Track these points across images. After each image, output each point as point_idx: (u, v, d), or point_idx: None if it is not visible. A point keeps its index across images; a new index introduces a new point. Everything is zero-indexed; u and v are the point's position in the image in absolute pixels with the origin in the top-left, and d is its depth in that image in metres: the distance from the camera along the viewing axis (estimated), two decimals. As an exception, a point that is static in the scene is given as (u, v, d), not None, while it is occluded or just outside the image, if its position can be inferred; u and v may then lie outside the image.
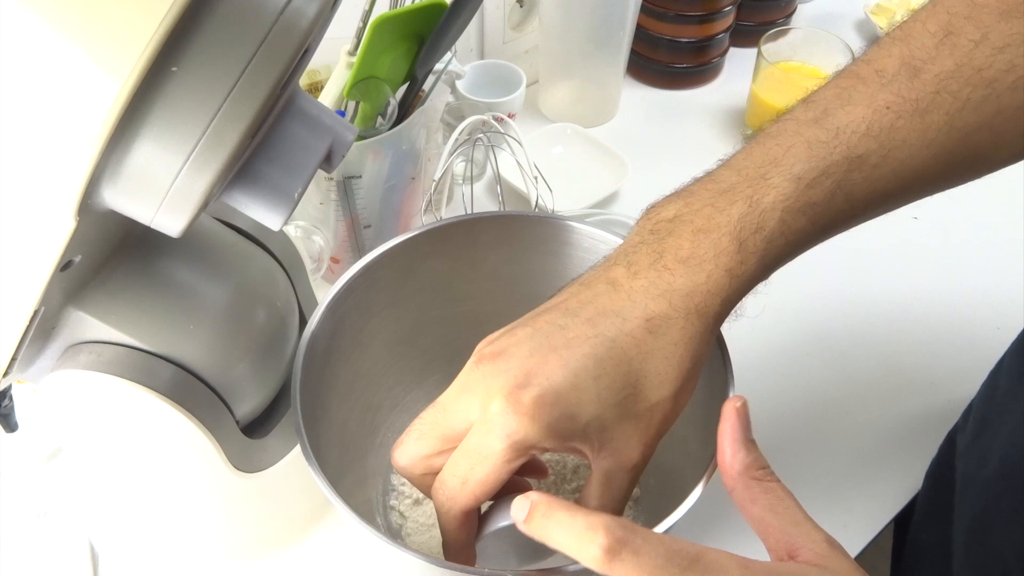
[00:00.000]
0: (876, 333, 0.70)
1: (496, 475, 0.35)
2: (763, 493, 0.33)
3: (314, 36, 0.34)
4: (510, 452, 0.34)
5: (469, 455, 0.35)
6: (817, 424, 0.65)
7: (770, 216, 0.36)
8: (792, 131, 0.38)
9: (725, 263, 0.36)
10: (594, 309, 0.36)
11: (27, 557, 0.56)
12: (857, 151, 0.37)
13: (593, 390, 0.35)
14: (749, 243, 0.36)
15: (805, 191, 0.36)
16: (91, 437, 0.48)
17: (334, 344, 0.48)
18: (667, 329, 0.36)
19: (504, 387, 0.34)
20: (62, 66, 0.29)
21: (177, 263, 0.46)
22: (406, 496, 0.56)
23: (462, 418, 0.36)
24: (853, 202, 0.37)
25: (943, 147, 0.37)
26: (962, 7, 0.37)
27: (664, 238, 0.37)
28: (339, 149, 0.40)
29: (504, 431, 0.34)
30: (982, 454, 0.52)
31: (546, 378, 0.35)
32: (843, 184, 0.37)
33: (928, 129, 0.37)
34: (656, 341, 0.36)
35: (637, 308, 0.36)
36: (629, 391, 0.36)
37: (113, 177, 0.32)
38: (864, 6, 1.01)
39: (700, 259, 0.36)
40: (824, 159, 0.36)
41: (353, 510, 0.38)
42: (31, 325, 0.38)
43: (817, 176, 0.36)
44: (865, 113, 0.37)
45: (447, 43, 0.62)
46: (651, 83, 0.95)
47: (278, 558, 0.56)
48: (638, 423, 0.36)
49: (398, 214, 0.69)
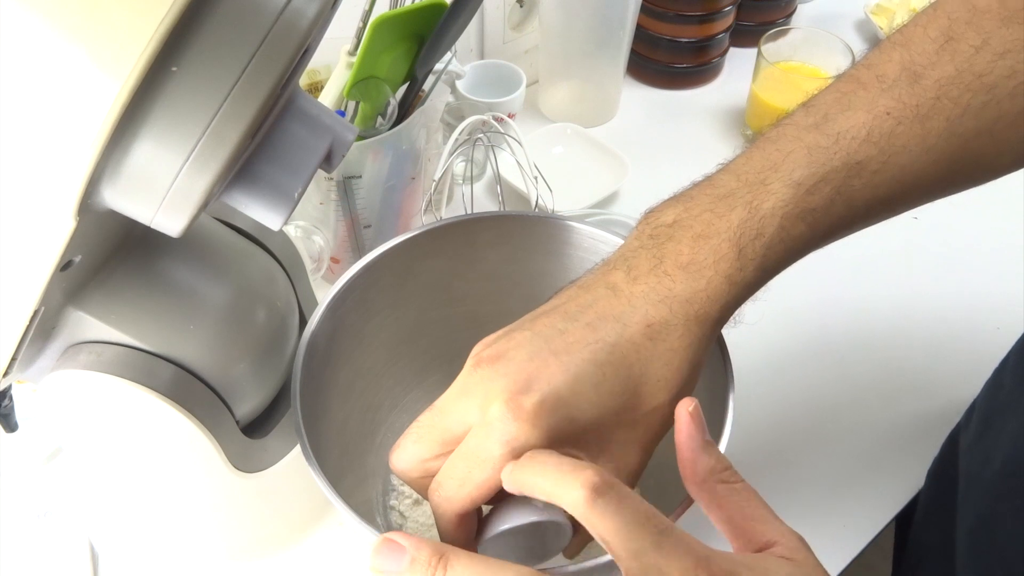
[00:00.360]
0: (875, 334, 0.70)
1: (494, 479, 0.35)
2: (729, 495, 0.33)
3: (314, 36, 0.34)
4: (509, 457, 0.34)
5: (467, 458, 0.35)
6: (817, 425, 0.65)
7: (769, 222, 0.36)
8: (792, 136, 0.37)
9: (725, 270, 0.36)
10: (594, 314, 0.36)
11: (27, 557, 0.56)
12: (857, 157, 0.36)
13: (593, 396, 0.35)
14: (748, 249, 0.36)
15: (805, 197, 0.36)
16: (91, 437, 0.48)
17: (334, 344, 0.48)
18: (667, 335, 0.36)
19: (504, 391, 0.34)
20: (62, 66, 0.29)
21: (177, 263, 0.46)
22: (406, 496, 0.56)
23: (460, 421, 0.36)
24: (853, 208, 0.37)
25: (943, 153, 0.37)
26: (963, 12, 0.37)
27: (664, 243, 0.37)
28: (339, 149, 0.40)
29: (504, 436, 0.34)
30: (986, 453, 0.52)
31: (547, 383, 0.34)
32: (843, 190, 0.37)
33: (928, 135, 0.37)
34: (656, 347, 0.36)
35: (637, 314, 0.36)
36: (629, 397, 0.36)
37: (113, 177, 0.32)
38: (864, 6, 1.01)
39: (700, 265, 0.36)
40: (824, 165, 0.36)
41: (353, 510, 0.38)
42: (31, 325, 0.38)
43: (817, 182, 0.36)
44: (865, 119, 0.37)
45: (447, 43, 0.62)
46: (651, 83, 0.95)
47: (278, 558, 0.56)
48: (636, 428, 0.36)
49: (398, 214, 0.69)
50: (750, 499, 0.33)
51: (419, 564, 0.29)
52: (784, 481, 0.61)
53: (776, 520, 0.32)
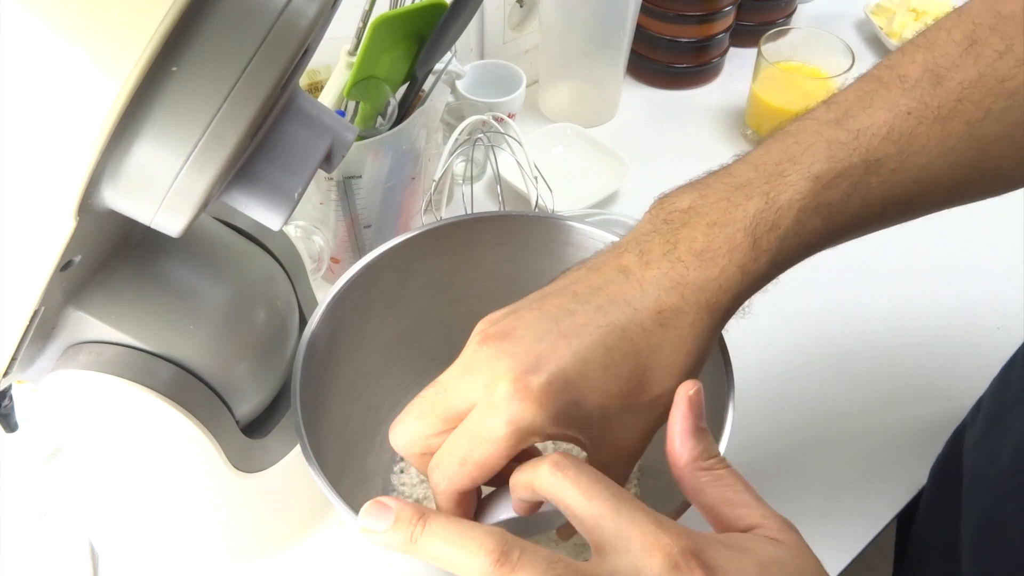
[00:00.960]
0: (874, 335, 0.70)
1: (496, 459, 0.34)
2: (712, 481, 0.32)
3: (314, 36, 0.34)
4: (513, 437, 0.34)
5: (469, 436, 0.35)
6: (816, 425, 0.65)
7: (786, 214, 0.36)
8: (812, 130, 0.37)
9: (739, 259, 0.36)
10: (605, 297, 0.36)
11: (27, 557, 0.56)
12: (876, 155, 0.36)
13: (600, 379, 0.35)
14: (763, 240, 0.36)
15: (822, 191, 0.36)
16: (91, 437, 0.48)
17: (334, 344, 0.48)
18: (678, 322, 0.36)
19: (511, 371, 0.34)
20: (62, 66, 0.29)
21: (177, 263, 0.46)
22: (406, 497, 0.56)
23: (464, 398, 0.35)
24: (869, 206, 0.37)
25: (963, 156, 0.37)
26: (987, 18, 0.37)
27: (678, 228, 0.37)
28: (339, 149, 0.40)
29: (509, 416, 0.33)
30: (993, 450, 0.52)
31: (555, 365, 0.34)
32: (860, 187, 0.37)
33: (948, 137, 0.36)
34: (666, 333, 0.36)
35: (649, 299, 0.36)
36: (635, 382, 0.35)
37: (113, 177, 0.32)
38: (864, 6, 1.01)
39: (714, 253, 0.36)
40: (843, 160, 0.36)
41: (353, 510, 0.38)
42: (31, 325, 0.38)
43: (835, 177, 0.36)
44: (886, 117, 0.37)
45: (447, 43, 0.62)
46: (651, 83, 0.95)
47: (278, 558, 0.56)
48: (640, 414, 0.36)
49: (398, 214, 0.69)
50: (732, 485, 0.32)
51: (401, 522, 0.30)
52: (784, 481, 0.61)
53: (760, 505, 0.32)
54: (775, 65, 0.84)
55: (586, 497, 0.30)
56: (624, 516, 0.29)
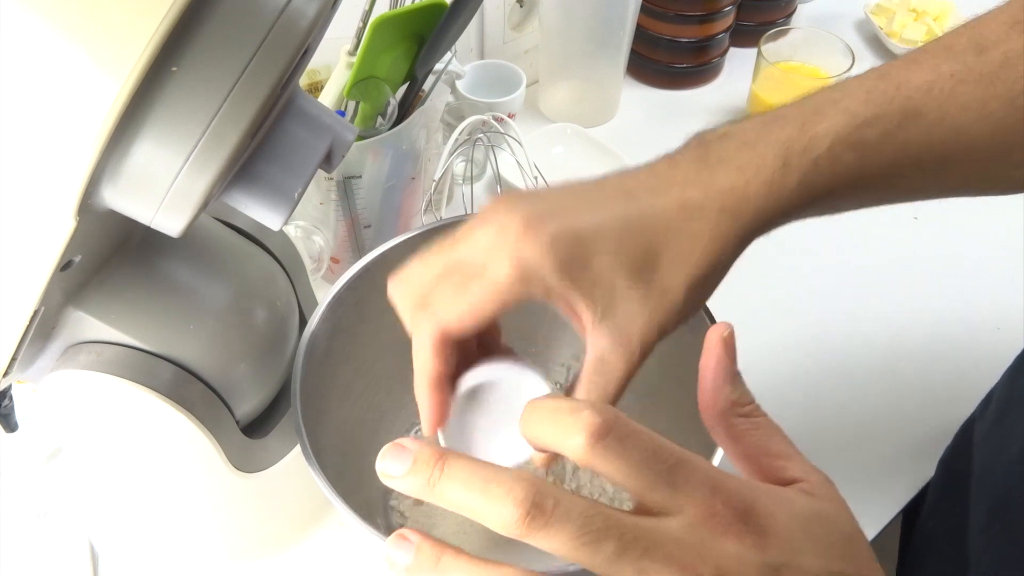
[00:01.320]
0: (876, 335, 0.70)
1: (493, 302, 0.33)
2: (750, 429, 0.31)
3: (314, 36, 0.34)
4: (516, 279, 0.33)
5: (470, 270, 0.34)
6: (819, 424, 0.65)
7: (820, 143, 0.36)
8: (854, 84, 0.38)
9: (766, 175, 0.36)
10: (632, 183, 0.37)
11: (27, 557, 0.56)
12: (915, 105, 0.37)
13: (614, 246, 0.35)
14: (794, 162, 0.36)
15: (859, 128, 0.36)
16: (91, 437, 0.48)
17: (334, 344, 0.48)
18: (699, 216, 0.36)
19: (526, 217, 0.34)
20: (62, 66, 0.29)
21: (177, 263, 0.46)
22: (406, 496, 0.56)
23: (472, 245, 0.35)
24: (907, 153, 0.37)
25: (1003, 121, 0.37)
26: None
27: (710, 146, 0.38)
28: (339, 149, 0.40)
29: (516, 252, 0.33)
30: (1003, 440, 0.52)
31: (571, 220, 0.34)
32: (898, 133, 0.37)
33: (990, 100, 0.37)
34: (686, 224, 0.36)
35: (674, 191, 0.36)
36: (647, 264, 0.35)
37: (113, 177, 0.32)
38: (864, 6, 1.01)
39: (741, 165, 0.36)
40: (882, 106, 0.37)
41: (353, 510, 0.38)
42: (31, 325, 0.38)
43: (872, 117, 0.37)
44: (929, 76, 0.37)
45: (447, 43, 0.62)
46: (651, 83, 0.95)
47: (278, 558, 0.56)
48: (646, 301, 0.35)
49: (398, 214, 0.69)
50: (772, 435, 0.31)
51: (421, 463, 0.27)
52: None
53: (800, 458, 0.30)
54: (775, 65, 0.84)
55: (634, 470, 0.26)
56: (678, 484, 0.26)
